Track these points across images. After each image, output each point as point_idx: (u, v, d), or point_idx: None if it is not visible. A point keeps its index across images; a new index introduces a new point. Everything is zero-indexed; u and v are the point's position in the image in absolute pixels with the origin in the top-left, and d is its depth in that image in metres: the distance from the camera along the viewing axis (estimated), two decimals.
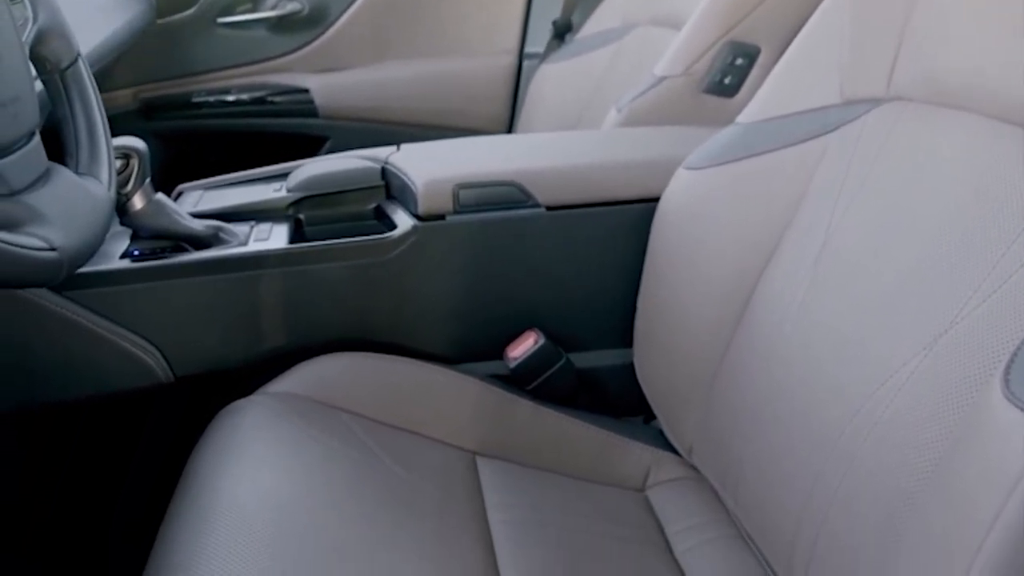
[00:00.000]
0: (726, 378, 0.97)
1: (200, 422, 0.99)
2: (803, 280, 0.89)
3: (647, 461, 1.09)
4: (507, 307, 1.13)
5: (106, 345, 1.03)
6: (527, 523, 0.93)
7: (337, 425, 0.96)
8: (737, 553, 0.96)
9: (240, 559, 0.72)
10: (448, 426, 1.03)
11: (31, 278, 0.69)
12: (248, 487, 0.82)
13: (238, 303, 1.07)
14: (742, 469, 0.92)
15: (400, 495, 0.88)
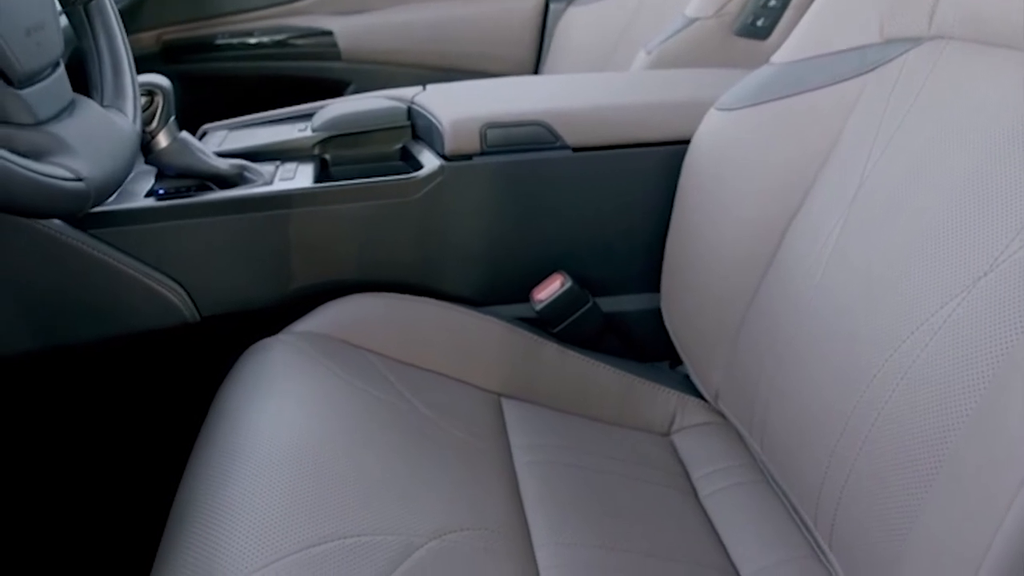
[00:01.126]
0: (754, 322, 0.95)
1: (226, 362, 0.99)
2: (836, 223, 0.87)
3: (672, 406, 1.08)
4: (533, 249, 1.12)
5: (131, 284, 1.03)
6: (552, 464, 0.93)
7: (363, 364, 0.96)
8: (762, 498, 0.95)
9: (267, 493, 0.73)
10: (473, 368, 1.03)
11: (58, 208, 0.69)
12: (274, 423, 0.82)
13: (263, 242, 1.06)
14: (769, 414, 0.92)
15: (426, 434, 0.88)
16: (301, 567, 0.66)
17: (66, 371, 1.17)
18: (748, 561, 0.88)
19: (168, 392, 1.16)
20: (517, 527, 0.82)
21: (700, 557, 0.87)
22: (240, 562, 0.66)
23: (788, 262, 0.91)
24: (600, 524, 0.85)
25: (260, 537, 0.68)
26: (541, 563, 0.79)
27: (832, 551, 0.81)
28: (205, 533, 0.70)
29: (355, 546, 0.70)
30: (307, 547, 0.68)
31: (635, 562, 0.82)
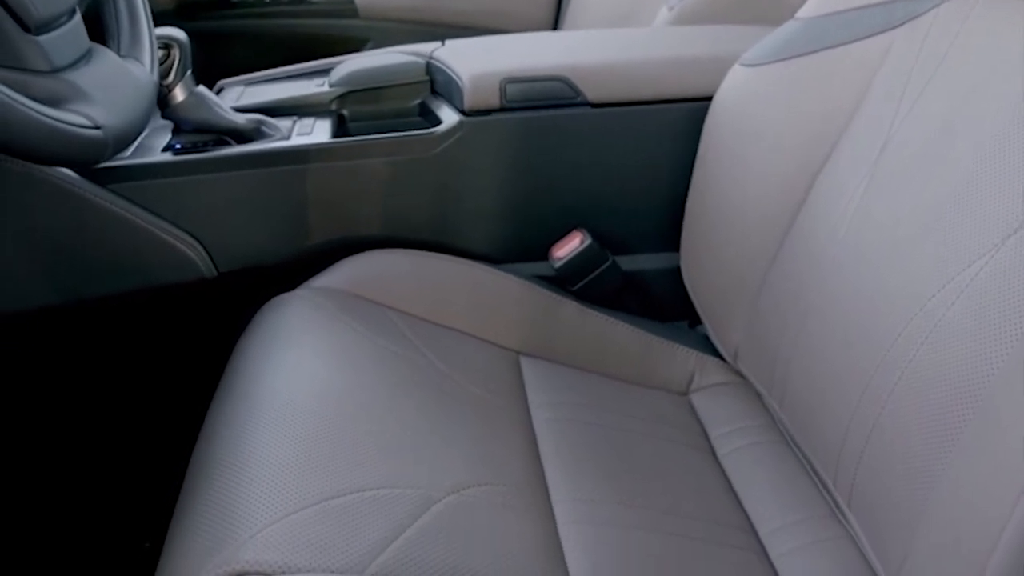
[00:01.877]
0: (776, 281, 0.94)
1: (243, 317, 0.99)
2: (861, 181, 0.86)
3: (691, 365, 1.08)
4: (553, 206, 1.11)
5: (149, 239, 1.03)
6: (571, 422, 0.92)
7: (380, 320, 0.95)
8: (781, 457, 0.95)
9: (285, 446, 0.72)
10: (491, 325, 1.02)
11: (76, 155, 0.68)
12: (292, 377, 0.81)
13: (281, 198, 1.06)
14: (789, 374, 0.91)
15: (444, 390, 0.88)
16: (319, 519, 0.66)
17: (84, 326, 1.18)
18: (766, 520, 0.88)
19: (186, 347, 1.17)
20: (535, 483, 0.82)
21: (718, 515, 0.86)
22: (259, 514, 0.66)
23: (812, 219, 0.90)
24: (618, 481, 0.85)
25: (279, 489, 0.68)
26: (559, 518, 0.79)
27: (851, 511, 0.81)
28: (224, 485, 0.70)
29: (374, 499, 0.69)
30: (325, 499, 0.68)
31: (653, 519, 0.82)
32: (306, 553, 0.63)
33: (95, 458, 1.22)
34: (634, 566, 0.76)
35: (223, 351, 0.95)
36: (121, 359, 1.20)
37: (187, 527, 0.69)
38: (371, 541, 0.66)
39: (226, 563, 0.62)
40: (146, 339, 1.19)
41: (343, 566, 0.63)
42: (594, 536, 0.77)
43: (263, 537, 0.63)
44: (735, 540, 0.84)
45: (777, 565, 0.83)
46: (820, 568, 0.82)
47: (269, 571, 0.61)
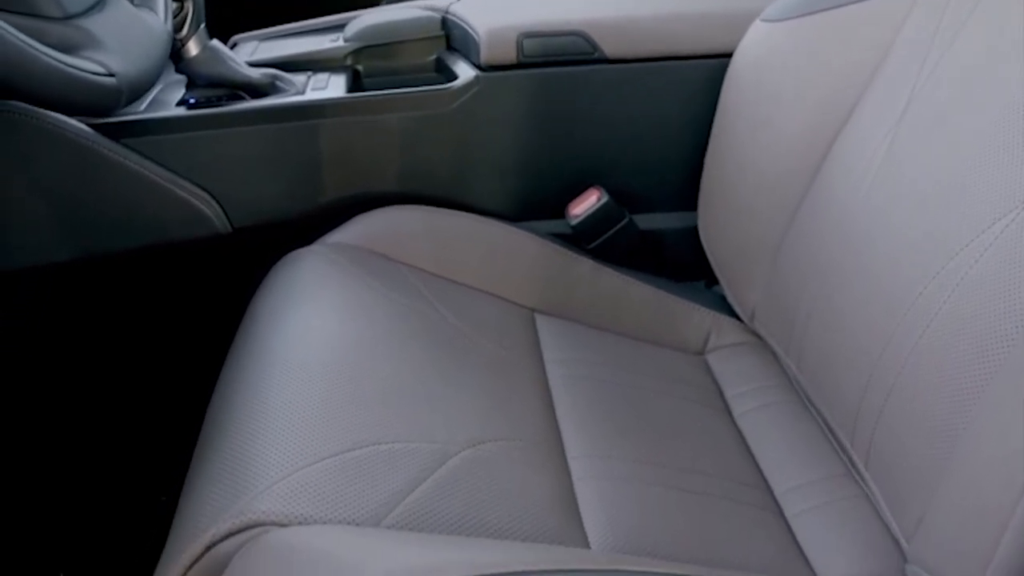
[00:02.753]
0: (795, 239, 0.93)
1: (258, 273, 0.99)
2: (885, 138, 0.84)
3: (707, 325, 1.07)
4: (570, 164, 1.10)
5: (163, 194, 1.03)
6: (586, 379, 0.92)
7: (396, 276, 0.95)
8: (797, 418, 0.94)
9: (301, 399, 0.72)
10: (507, 282, 1.02)
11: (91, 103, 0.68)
12: (308, 332, 0.81)
13: (295, 153, 1.05)
14: (807, 332, 0.90)
15: (459, 346, 0.88)
16: (336, 471, 0.66)
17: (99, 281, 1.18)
18: (781, 480, 0.87)
19: (200, 303, 1.17)
20: (551, 439, 0.82)
21: (733, 474, 0.86)
22: (275, 465, 0.66)
23: (833, 176, 0.89)
24: (634, 438, 0.85)
25: (295, 441, 0.68)
26: (575, 474, 0.79)
27: (868, 470, 0.80)
28: (239, 438, 0.70)
29: (390, 452, 0.69)
30: (342, 452, 0.68)
31: (669, 476, 0.81)
32: (322, 504, 0.63)
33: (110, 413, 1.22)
34: (650, 522, 0.75)
35: (238, 307, 0.95)
36: (136, 315, 1.20)
37: (203, 479, 0.69)
38: (387, 493, 0.66)
39: (241, 513, 0.62)
40: (161, 295, 1.19)
41: (359, 518, 0.63)
42: (610, 492, 0.77)
43: (279, 488, 0.63)
44: (751, 498, 0.84)
45: (792, 524, 0.83)
46: (835, 527, 0.82)
47: (285, 522, 0.61)
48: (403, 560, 0.57)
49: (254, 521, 0.62)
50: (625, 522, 0.74)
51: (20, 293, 1.14)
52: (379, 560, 0.57)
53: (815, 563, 0.79)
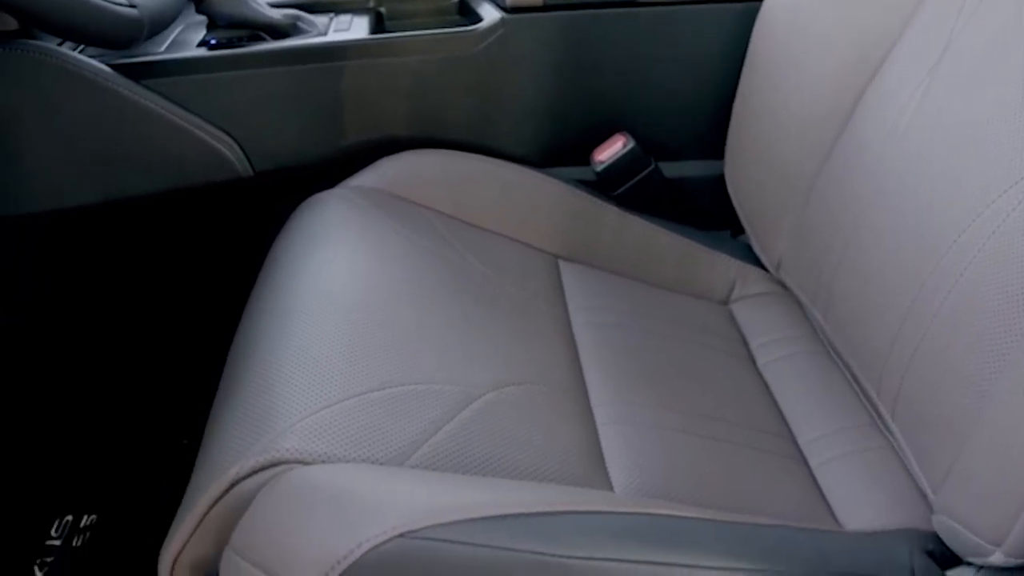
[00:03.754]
0: (825, 188, 0.92)
1: (280, 217, 0.98)
2: (921, 82, 0.82)
3: (732, 274, 1.06)
4: (595, 109, 1.08)
5: (185, 137, 1.02)
6: (610, 326, 0.91)
7: (419, 220, 0.94)
8: (822, 368, 0.94)
9: (325, 339, 0.72)
10: (530, 228, 1.01)
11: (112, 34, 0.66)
12: (331, 273, 0.80)
13: (317, 96, 1.03)
14: (835, 281, 0.89)
15: (483, 290, 0.87)
16: (360, 411, 0.65)
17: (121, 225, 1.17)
18: (806, 429, 0.87)
19: (222, 246, 1.16)
20: (575, 384, 0.81)
21: (757, 422, 0.85)
22: (299, 404, 0.65)
23: (866, 121, 0.87)
24: (658, 385, 0.84)
25: (319, 381, 0.67)
26: (599, 419, 0.78)
27: (895, 421, 0.79)
28: (262, 377, 0.70)
29: (414, 393, 0.69)
30: (366, 392, 0.67)
31: (693, 423, 0.81)
32: (346, 443, 0.63)
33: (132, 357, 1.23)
34: (674, 468, 0.75)
35: (259, 250, 0.94)
36: (158, 258, 1.20)
37: (226, 418, 0.69)
38: (411, 434, 0.65)
39: (265, 451, 0.62)
40: (183, 238, 1.18)
41: (383, 457, 0.63)
42: (634, 437, 0.77)
43: (303, 427, 0.63)
44: (775, 447, 0.83)
45: (816, 473, 0.82)
46: (860, 477, 0.81)
47: (308, 460, 0.61)
48: (427, 498, 0.57)
49: (278, 459, 0.61)
50: (649, 467, 0.74)
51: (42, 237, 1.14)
52: (403, 498, 0.57)
53: (839, 512, 0.79)
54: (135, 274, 1.20)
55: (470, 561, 0.55)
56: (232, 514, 0.62)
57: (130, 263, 1.20)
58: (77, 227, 1.16)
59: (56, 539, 1.04)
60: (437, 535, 0.54)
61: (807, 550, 0.65)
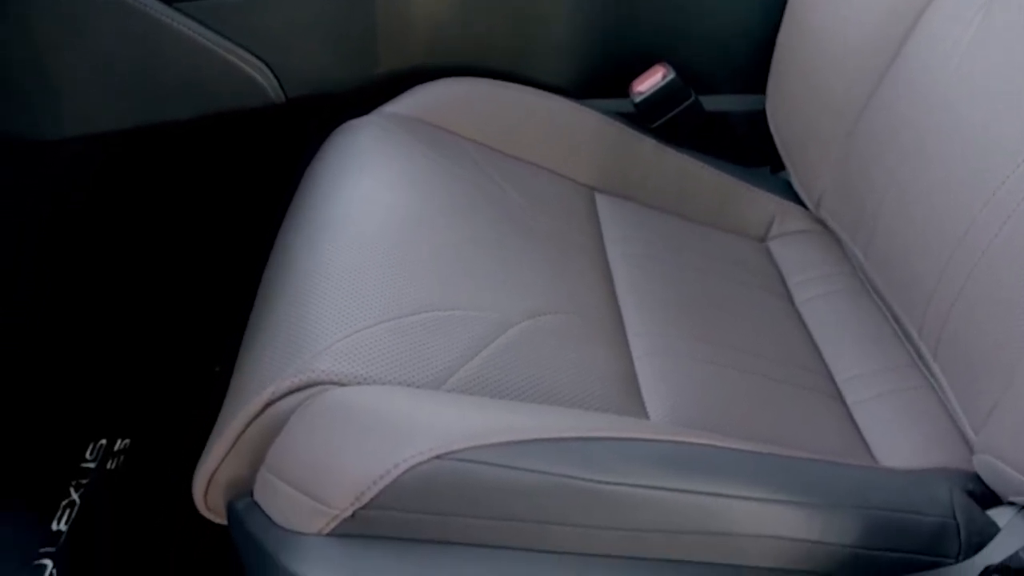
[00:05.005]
0: (871, 120, 0.89)
1: (313, 144, 0.96)
2: (972, 19, 0.79)
3: (771, 211, 1.04)
4: (635, 39, 1.05)
5: (217, 62, 1.00)
6: (646, 258, 0.90)
7: (454, 148, 0.92)
8: (861, 307, 0.92)
9: (360, 262, 0.71)
10: (567, 159, 0.99)
11: None
12: (366, 197, 0.79)
13: (352, 20, 1.01)
14: (878, 220, 0.87)
15: (519, 220, 0.85)
16: (396, 334, 0.65)
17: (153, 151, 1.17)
18: (844, 367, 0.86)
19: (255, 173, 1.15)
20: (611, 315, 0.80)
21: (794, 358, 0.84)
22: (335, 326, 0.65)
23: (919, 52, 0.84)
24: (695, 318, 0.83)
25: (354, 303, 0.67)
26: (635, 351, 0.77)
27: (936, 360, 0.78)
28: (297, 300, 0.69)
29: (449, 319, 0.68)
30: (402, 316, 0.66)
31: (730, 356, 0.80)
32: (382, 366, 0.62)
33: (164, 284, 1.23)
34: (710, 400, 0.74)
35: (292, 177, 0.93)
36: (190, 185, 1.19)
37: (260, 340, 0.68)
38: (447, 359, 0.65)
39: (300, 372, 0.61)
40: (214, 165, 1.17)
41: (419, 380, 0.63)
42: (671, 369, 0.76)
43: (339, 348, 0.63)
44: (812, 383, 0.82)
45: (854, 411, 0.81)
46: (898, 416, 0.81)
47: (344, 381, 0.61)
48: (465, 421, 0.57)
49: (313, 380, 0.61)
50: (685, 398, 0.73)
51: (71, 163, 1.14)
52: (441, 420, 0.57)
53: (876, 450, 0.78)
54: (167, 201, 1.20)
55: (506, 484, 0.55)
56: (267, 434, 0.61)
57: (162, 190, 1.19)
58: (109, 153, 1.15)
59: (91, 462, 1.05)
60: (474, 457, 0.54)
61: (846, 484, 0.65)
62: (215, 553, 0.96)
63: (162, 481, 1.03)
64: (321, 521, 0.56)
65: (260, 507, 0.60)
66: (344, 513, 0.55)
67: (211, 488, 0.66)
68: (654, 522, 0.58)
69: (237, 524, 0.62)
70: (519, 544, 0.58)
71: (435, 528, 0.56)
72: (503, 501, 0.55)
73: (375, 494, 0.54)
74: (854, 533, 0.62)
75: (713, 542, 0.60)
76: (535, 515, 0.56)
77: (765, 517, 0.60)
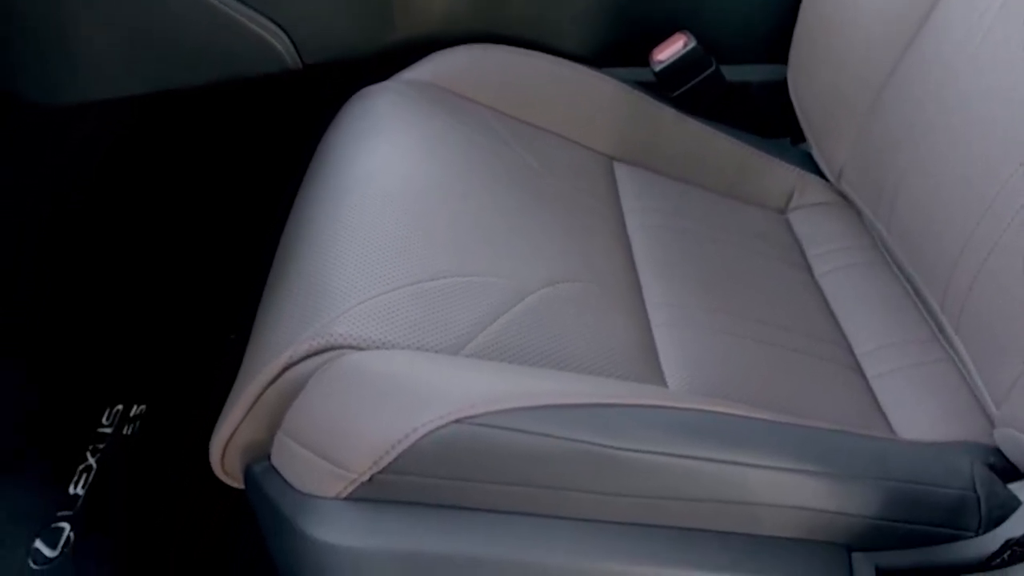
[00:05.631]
0: (896, 91, 0.88)
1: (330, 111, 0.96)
2: None
3: (791, 182, 1.03)
4: (656, 6, 1.04)
5: (233, 27, 0.99)
6: (665, 228, 0.89)
7: (472, 115, 0.91)
8: (882, 280, 0.91)
9: (379, 227, 0.70)
10: (585, 128, 0.98)
11: None
12: (383, 163, 0.79)
13: None
14: (900, 191, 0.86)
15: (537, 188, 0.85)
16: (414, 299, 0.64)
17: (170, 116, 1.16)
18: (864, 340, 0.85)
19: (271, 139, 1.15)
20: (629, 284, 0.80)
21: (814, 330, 0.83)
22: (352, 290, 0.64)
23: (949, 15, 0.82)
24: (714, 289, 0.83)
25: (371, 269, 0.66)
26: (653, 321, 0.77)
27: (958, 334, 0.77)
28: (315, 264, 0.69)
29: (468, 285, 0.68)
30: (420, 281, 0.66)
31: (748, 327, 0.79)
32: (400, 330, 0.62)
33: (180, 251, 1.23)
34: (729, 371, 0.74)
35: (309, 143, 0.92)
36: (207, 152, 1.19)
37: (278, 304, 0.68)
38: (465, 324, 0.64)
39: (318, 336, 0.61)
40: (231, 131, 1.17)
41: (438, 345, 0.62)
42: (690, 338, 0.75)
43: (356, 312, 0.62)
44: (831, 355, 0.81)
45: (873, 384, 0.81)
46: (918, 390, 0.80)
47: (363, 345, 0.60)
48: (485, 386, 0.56)
49: (331, 344, 0.61)
50: (704, 368, 0.73)
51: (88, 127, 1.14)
52: (460, 385, 0.56)
53: (895, 423, 0.77)
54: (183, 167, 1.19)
55: (525, 449, 0.54)
56: (284, 398, 0.61)
57: (178, 155, 1.19)
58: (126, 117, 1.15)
59: (107, 427, 1.06)
60: (494, 422, 0.54)
61: (866, 455, 0.64)
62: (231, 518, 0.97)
63: (178, 447, 1.03)
64: (339, 485, 0.56)
65: (277, 471, 0.60)
66: (362, 477, 0.55)
67: (228, 452, 0.66)
68: (672, 490, 0.58)
69: (254, 488, 0.62)
70: (536, 510, 0.57)
71: (453, 493, 0.56)
72: (521, 466, 0.55)
73: (393, 458, 0.54)
74: (874, 505, 0.61)
75: (731, 511, 0.60)
76: (553, 481, 0.56)
77: (784, 486, 0.59)
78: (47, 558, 0.91)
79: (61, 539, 0.93)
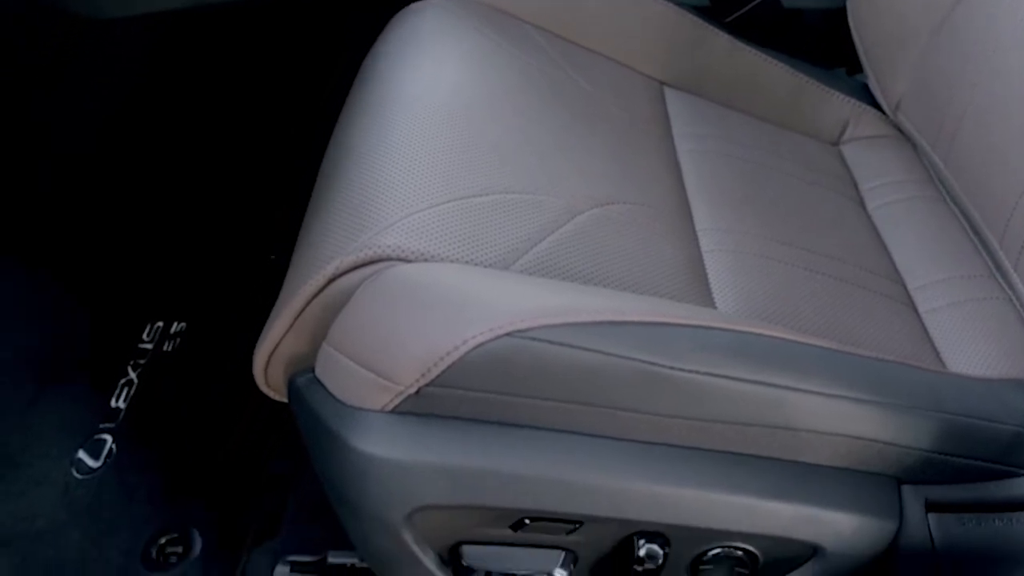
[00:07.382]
0: (956, 26, 0.84)
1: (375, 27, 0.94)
2: None
3: (846, 114, 1.00)
4: None
5: None
6: (716, 154, 0.87)
7: (521, 34, 0.89)
8: (937, 215, 0.89)
9: (428, 140, 0.69)
10: (637, 51, 0.95)
11: None
12: (431, 79, 0.77)
13: None
14: (960, 128, 0.83)
15: (587, 108, 0.82)
16: (464, 213, 0.63)
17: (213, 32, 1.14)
18: (916, 275, 0.83)
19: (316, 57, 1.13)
20: (680, 208, 0.78)
21: (865, 262, 0.81)
22: (402, 202, 0.63)
23: None
24: (764, 216, 0.81)
25: (421, 182, 0.64)
26: (703, 246, 0.75)
27: (1016, 270, 0.75)
28: (363, 176, 0.67)
29: (518, 202, 0.66)
30: (470, 196, 0.64)
31: (799, 256, 0.77)
32: (449, 244, 0.60)
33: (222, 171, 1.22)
34: (780, 298, 0.72)
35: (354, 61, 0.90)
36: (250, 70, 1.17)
37: (323, 218, 0.67)
38: (515, 240, 0.63)
39: (366, 247, 0.60)
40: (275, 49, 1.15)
41: (487, 260, 0.61)
42: (740, 265, 0.74)
43: (405, 225, 0.61)
44: (883, 287, 0.79)
45: (925, 319, 0.79)
46: (971, 326, 0.78)
47: (411, 258, 0.59)
48: (536, 300, 0.55)
49: (379, 255, 0.59)
50: (755, 294, 0.71)
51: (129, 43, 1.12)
52: (511, 298, 0.55)
53: (946, 358, 0.75)
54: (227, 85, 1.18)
55: (576, 364, 0.53)
56: (330, 311, 0.60)
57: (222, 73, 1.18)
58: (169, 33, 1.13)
59: (148, 343, 1.06)
60: (545, 336, 0.53)
61: (920, 387, 0.63)
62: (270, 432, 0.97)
63: (217, 363, 1.04)
64: (385, 397, 0.55)
65: (321, 383, 0.59)
66: (409, 390, 0.54)
67: (271, 364, 0.65)
68: (723, 413, 0.57)
69: (297, 400, 0.62)
70: (584, 429, 0.57)
71: (500, 408, 0.55)
72: (573, 383, 0.54)
73: (441, 371, 0.53)
74: (928, 437, 0.60)
75: (780, 437, 0.59)
76: (605, 400, 0.55)
77: (837, 414, 0.58)
78: (90, 468, 0.92)
79: (104, 450, 0.94)
